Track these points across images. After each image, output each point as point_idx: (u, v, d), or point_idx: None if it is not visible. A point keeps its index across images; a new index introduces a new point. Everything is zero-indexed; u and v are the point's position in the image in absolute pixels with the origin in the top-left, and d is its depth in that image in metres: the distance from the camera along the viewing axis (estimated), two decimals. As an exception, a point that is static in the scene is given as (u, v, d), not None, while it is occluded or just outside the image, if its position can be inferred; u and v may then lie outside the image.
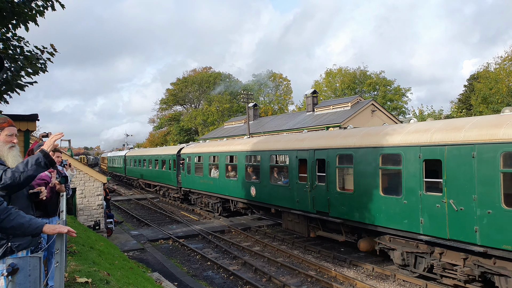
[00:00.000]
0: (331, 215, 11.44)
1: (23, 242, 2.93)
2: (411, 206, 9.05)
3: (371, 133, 10.65)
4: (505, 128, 7.42)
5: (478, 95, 37.46)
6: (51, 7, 7.22)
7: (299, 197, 12.76)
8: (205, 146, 21.64)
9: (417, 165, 8.91)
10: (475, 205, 7.73)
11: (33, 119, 9.42)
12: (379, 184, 9.86)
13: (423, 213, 8.82)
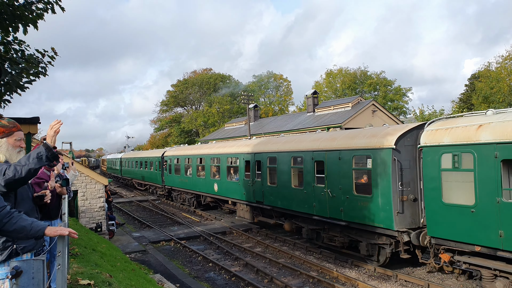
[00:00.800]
0: (265, 203, 15.05)
1: (28, 244, 2.94)
2: (308, 195, 12.50)
3: (289, 140, 14.41)
4: (357, 139, 10.94)
5: (479, 95, 37.42)
6: (51, 10, 7.24)
7: (245, 190, 16.42)
8: (182, 149, 25.72)
9: (312, 164, 12.33)
10: (341, 192, 11.18)
11: (35, 122, 9.44)
12: (291, 179, 13.45)
13: (315, 200, 12.18)
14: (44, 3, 7.09)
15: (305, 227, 13.08)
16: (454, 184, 8.45)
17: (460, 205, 8.24)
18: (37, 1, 7.07)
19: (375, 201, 10.08)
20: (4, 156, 3.16)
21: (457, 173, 8.35)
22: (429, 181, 8.89)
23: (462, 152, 8.20)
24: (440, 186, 8.62)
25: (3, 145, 3.17)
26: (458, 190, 8.37)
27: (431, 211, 8.84)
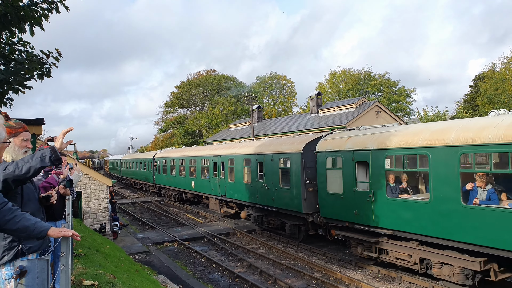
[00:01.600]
0: (227, 196, 18.56)
1: (33, 245, 2.94)
2: (254, 188, 15.93)
3: (242, 146, 18.16)
4: (283, 145, 14.43)
5: (484, 96, 37.19)
6: (56, 9, 7.26)
7: (213, 187, 19.90)
8: (169, 152, 29.39)
9: (256, 164, 15.80)
10: (273, 186, 14.50)
11: (39, 123, 9.49)
12: (244, 176, 16.86)
13: (258, 192, 15.63)
14: (48, 3, 7.11)
15: (253, 214, 16.57)
16: (333, 178, 11.66)
17: (336, 193, 11.51)
18: (41, 1, 7.10)
19: (291, 192, 13.53)
20: (11, 156, 3.18)
21: (335, 171, 11.59)
22: (320, 177, 12.26)
23: (337, 156, 11.54)
24: (326, 180, 11.93)
25: (10, 145, 3.19)
26: (335, 183, 11.58)
27: (321, 198, 12.26)
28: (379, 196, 10.00)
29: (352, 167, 10.83)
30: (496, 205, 7.63)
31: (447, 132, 8.58)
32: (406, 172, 9.89)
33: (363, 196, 10.45)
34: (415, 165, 9.29)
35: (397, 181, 10.02)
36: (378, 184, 10.06)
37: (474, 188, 8.07)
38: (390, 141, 9.81)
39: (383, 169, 9.91)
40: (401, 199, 9.59)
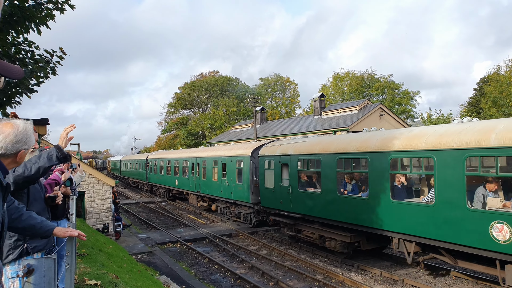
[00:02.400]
0: (201, 192, 22.16)
1: (39, 244, 2.96)
2: (219, 185, 19.57)
3: (213, 149, 22.34)
4: (239, 150, 18.15)
5: (488, 98, 37.01)
6: (61, 10, 7.31)
7: (192, 184, 23.44)
8: (159, 154, 34.26)
9: (221, 165, 19.41)
10: (231, 182, 18.05)
11: (44, 123, 9.54)
12: (213, 175, 20.45)
13: (222, 188, 19.21)
14: (53, 3, 7.16)
15: (219, 206, 20.54)
16: (268, 176, 14.97)
17: (270, 188, 14.83)
18: (47, 2, 7.16)
19: (243, 187, 17.12)
20: None
21: (269, 170, 14.93)
22: (261, 175, 15.52)
23: (270, 159, 14.94)
24: (264, 178, 15.20)
25: None
26: (270, 180, 14.86)
27: (261, 192, 15.58)
28: (294, 189, 13.48)
29: (279, 168, 14.35)
30: (355, 194, 11.15)
31: (332, 142, 12.33)
32: (309, 171, 13.29)
33: (285, 189, 13.89)
34: (314, 167, 12.82)
35: (306, 178, 13.40)
36: (293, 181, 13.54)
37: (343, 182, 11.69)
38: (301, 149, 13.37)
39: (296, 169, 13.42)
40: (306, 191, 12.99)
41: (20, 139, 2.01)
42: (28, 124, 2.14)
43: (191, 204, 24.74)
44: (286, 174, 13.97)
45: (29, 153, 3.29)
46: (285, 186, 13.88)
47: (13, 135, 1.98)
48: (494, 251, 7.52)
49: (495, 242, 7.45)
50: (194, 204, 24.07)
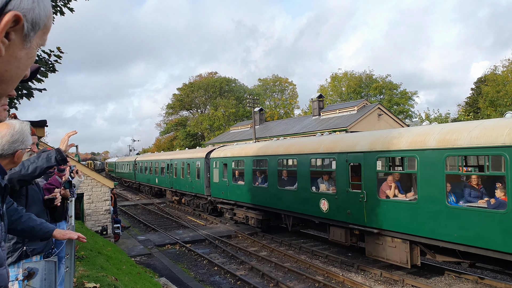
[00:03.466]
0: (174, 188, 26.35)
1: (38, 247, 2.95)
2: (186, 181, 23.73)
3: (178, 153, 26.49)
4: (197, 153, 22.81)
5: (486, 98, 37.13)
6: (60, 12, 7.31)
7: (167, 181, 27.76)
8: (145, 156, 39.04)
9: (186, 166, 23.50)
10: (193, 178, 22.52)
11: (42, 125, 9.49)
12: (181, 174, 24.37)
13: (187, 183, 23.48)
14: (52, 7, 7.15)
15: (186, 199, 24.84)
16: (216, 174, 19.28)
17: (216, 182, 19.26)
18: None
19: (200, 182, 21.60)
20: None
21: (216, 169, 19.30)
22: (211, 173, 19.98)
23: (216, 160, 19.24)
24: (213, 175, 19.66)
25: None
26: (216, 176, 19.22)
27: (211, 185, 19.97)
28: (230, 183, 17.88)
29: (222, 167, 18.76)
30: (263, 185, 15.44)
31: (252, 148, 17.21)
32: (239, 169, 17.36)
33: (225, 183, 18.35)
34: (242, 166, 16.97)
35: (238, 174, 17.40)
36: (229, 176, 17.93)
37: (256, 177, 16.04)
38: (235, 153, 17.95)
39: (231, 168, 17.83)
40: (237, 184, 17.29)
41: (17, 139, 2.01)
42: (24, 124, 2.14)
43: (168, 198, 29.09)
44: (226, 171, 18.50)
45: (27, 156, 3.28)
46: (225, 181, 18.42)
47: (9, 135, 1.98)
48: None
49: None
50: (170, 199, 28.49)
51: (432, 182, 8.59)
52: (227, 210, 18.70)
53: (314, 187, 12.73)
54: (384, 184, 10.06)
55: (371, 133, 12.24)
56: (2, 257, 1.11)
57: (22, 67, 0.81)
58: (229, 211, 18.52)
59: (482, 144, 7.64)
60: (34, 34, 0.79)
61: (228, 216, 18.60)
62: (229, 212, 18.51)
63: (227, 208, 18.72)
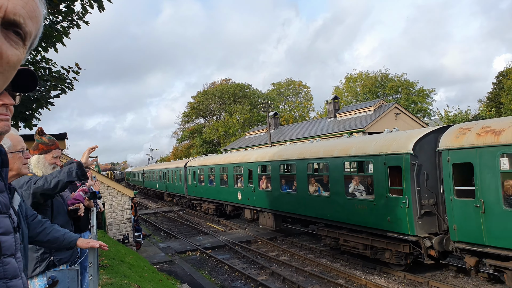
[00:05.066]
0: (168, 191, 33.93)
1: (64, 256, 3.04)
2: (177, 185, 30.38)
3: (170, 163, 36.44)
4: (177, 164, 32.23)
5: (509, 93, 36.01)
6: (76, 26, 7.54)
7: (164, 186, 34.83)
8: (149, 166, 48.76)
9: (172, 172, 31.67)
10: (178, 183, 29.88)
11: (63, 138, 9.77)
12: (172, 179, 31.88)
13: (176, 187, 30.85)
14: (69, 21, 7.39)
15: (176, 199, 31.88)
16: (190, 178, 26.36)
17: (190, 184, 26.41)
18: (62, 20, 7.38)
19: (182, 186, 27.91)
20: (41, 171, 3.33)
21: (190, 174, 26.20)
22: (187, 178, 26.72)
23: (191, 168, 26.02)
24: (188, 179, 26.72)
25: (41, 161, 3.35)
26: (190, 180, 26.10)
27: (188, 187, 26.91)
28: (197, 183, 24.86)
29: (193, 173, 25.51)
30: (212, 185, 22.43)
31: (214, 158, 23.53)
32: (202, 174, 23.90)
33: (194, 184, 25.35)
34: (203, 172, 23.74)
35: (202, 177, 23.96)
36: (196, 179, 24.97)
37: (210, 179, 22.57)
38: (201, 163, 24.44)
39: (198, 173, 24.67)
40: (201, 185, 24.06)
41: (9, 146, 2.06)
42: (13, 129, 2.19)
43: (166, 200, 36.19)
44: (196, 176, 25.08)
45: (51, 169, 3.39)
46: (194, 182, 25.30)
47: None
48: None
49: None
50: (166, 200, 35.97)
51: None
52: (197, 205, 26.01)
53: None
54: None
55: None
56: (17, 267, 1.15)
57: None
58: (199, 206, 25.68)
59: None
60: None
61: (199, 209, 25.57)
62: (199, 206, 25.53)
63: (196, 204, 26.16)
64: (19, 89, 0.93)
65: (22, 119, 6.95)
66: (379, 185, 10.28)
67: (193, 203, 26.67)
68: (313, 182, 13.39)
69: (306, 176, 13.40)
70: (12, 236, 1.16)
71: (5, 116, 1.02)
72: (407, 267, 10.39)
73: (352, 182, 11.74)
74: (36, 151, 3.43)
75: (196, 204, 26.15)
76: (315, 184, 13.40)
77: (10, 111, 1.03)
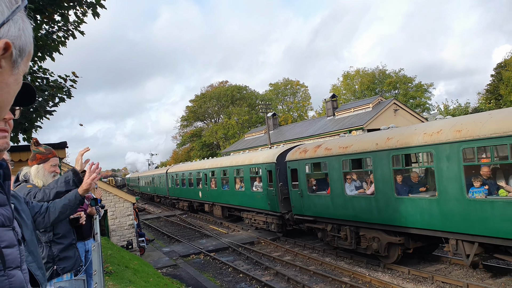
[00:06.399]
0: (155, 193, 40.21)
1: (67, 265, 3.04)
2: (161, 188, 36.46)
3: (155, 171, 45.38)
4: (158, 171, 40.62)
5: (508, 84, 35.99)
6: (72, 35, 7.56)
7: (152, 189, 41.50)
8: (143, 173, 54.45)
9: (158, 178, 38.28)
10: (162, 186, 36.03)
11: (63, 147, 9.78)
12: (157, 183, 38.55)
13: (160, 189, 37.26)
14: (64, 31, 7.41)
15: (161, 200, 37.35)
16: (169, 181, 32.70)
17: (170, 187, 32.43)
18: (57, 30, 7.41)
19: (164, 188, 34.44)
20: (41, 181, 3.34)
21: (170, 179, 32.29)
22: (168, 181, 33.09)
23: (170, 174, 32.12)
24: (168, 182, 32.94)
25: (40, 171, 3.36)
26: (170, 183, 32.68)
27: (169, 189, 32.83)
28: (174, 186, 30.47)
29: (171, 177, 31.32)
30: (191, 187, 26.81)
31: (183, 166, 30.52)
32: (178, 179, 29.35)
33: (174, 187, 30.70)
34: (178, 176, 29.06)
35: (178, 182, 29.18)
36: (174, 183, 30.45)
37: (186, 183, 27.84)
38: (176, 170, 30.48)
39: (175, 178, 30.07)
40: (177, 187, 29.93)
41: None
42: None
43: (155, 201, 41.46)
44: (173, 181, 30.44)
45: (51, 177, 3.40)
46: (173, 185, 30.57)
47: None
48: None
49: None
50: (155, 201, 41.66)
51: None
52: (176, 203, 31.65)
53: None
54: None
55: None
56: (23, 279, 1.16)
57: (12, 93, 0.84)
58: (178, 204, 31.09)
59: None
60: (21, 60, 0.82)
61: (179, 207, 30.74)
62: (178, 205, 30.94)
63: (175, 202, 31.93)
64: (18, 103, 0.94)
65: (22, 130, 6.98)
66: (264, 182, 16.62)
67: (173, 202, 32.51)
68: (238, 182, 19.22)
69: (234, 178, 19.50)
70: (17, 249, 1.17)
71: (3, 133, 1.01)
72: (283, 233, 16.50)
73: (256, 180, 17.56)
74: (34, 161, 3.44)
75: (175, 203, 31.97)
76: (239, 182, 19.21)
77: (9, 126, 1.04)
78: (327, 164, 12.37)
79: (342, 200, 11.69)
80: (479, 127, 7.88)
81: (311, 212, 13.32)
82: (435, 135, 8.83)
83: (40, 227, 2.73)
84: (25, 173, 3.41)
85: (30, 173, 3.39)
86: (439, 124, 9.21)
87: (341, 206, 11.74)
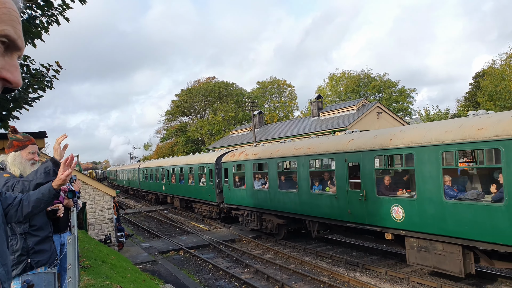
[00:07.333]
0: (130, 186, 43.26)
1: (42, 258, 2.93)
2: (134, 182, 40.00)
3: (129, 165, 50.16)
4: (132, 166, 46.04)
5: (485, 93, 37.08)
6: (56, 21, 7.31)
7: (128, 183, 44.44)
8: (120, 167, 56.04)
9: (133, 172, 40.83)
10: (135, 179, 39.45)
11: (41, 136, 9.50)
12: (131, 177, 41.71)
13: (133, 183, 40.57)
14: (48, 16, 7.17)
15: (134, 192, 40.01)
16: (140, 176, 36.46)
17: (141, 180, 36.58)
18: (41, 15, 7.16)
19: (137, 182, 37.68)
20: (19, 169, 3.20)
21: (141, 174, 36.40)
22: (141, 177, 36.02)
23: (142, 169, 36.14)
24: (140, 177, 36.31)
25: (17, 159, 3.22)
26: (141, 178, 36.41)
27: (140, 182, 37.28)
28: (144, 180, 34.14)
29: (143, 173, 34.48)
30: (156, 181, 30.51)
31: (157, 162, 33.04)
32: (147, 174, 32.87)
33: (144, 181, 34.03)
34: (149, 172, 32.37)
35: (147, 176, 33.18)
36: (144, 177, 34.26)
37: (154, 178, 31.28)
38: (148, 165, 33.76)
39: (145, 173, 33.82)
40: (147, 181, 32.96)
41: None
42: None
43: (130, 193, 44.27)
44: (144, 175, 33.74)
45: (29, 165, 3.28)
46: (144, 179, 33.66)
47: None
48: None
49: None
50: (129, 194, 44.29)
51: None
52: (144, 196, 35.43)
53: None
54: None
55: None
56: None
57: None
58: (145, 196, 34.87)
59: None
60: None
61: (147, 199, 34.06)
62: (146, 197, 34.52)
63: (145, 195, 35.48)
64: None
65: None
66: (207, 178, 20.59)
67: (144, 195, 36.20)
68: (191, 178, 23.30)
69: (188, 174, 23.49)
70: None
71: None
72: (220, 219, 20.32)
73: (203, 176, 21.32)
74: (11, 149, 3.29)
75: (145, 195, 35.62)
76: (191, 178, 23.15)
77: None
78: (245, 166, 16.53)
79: (251, 193, 15.84)
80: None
81: (235, 201, 17.45)
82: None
83: (13, 220, 2.59)
84: (1, 161, 3.27)
85: (6, 161, 3.26)
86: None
87: (251, 197, 15.88)
